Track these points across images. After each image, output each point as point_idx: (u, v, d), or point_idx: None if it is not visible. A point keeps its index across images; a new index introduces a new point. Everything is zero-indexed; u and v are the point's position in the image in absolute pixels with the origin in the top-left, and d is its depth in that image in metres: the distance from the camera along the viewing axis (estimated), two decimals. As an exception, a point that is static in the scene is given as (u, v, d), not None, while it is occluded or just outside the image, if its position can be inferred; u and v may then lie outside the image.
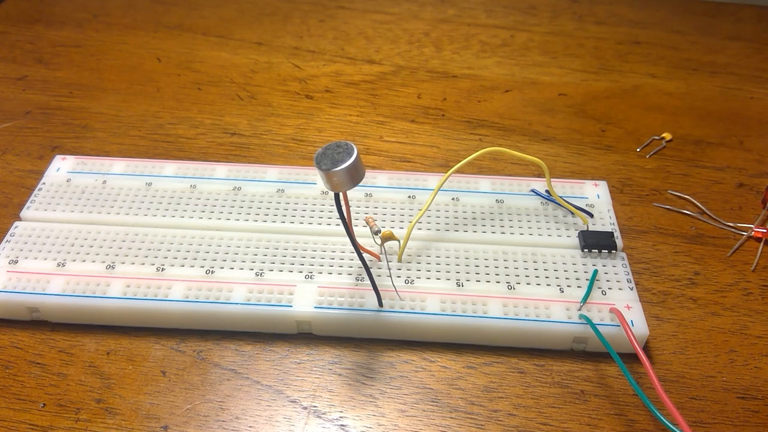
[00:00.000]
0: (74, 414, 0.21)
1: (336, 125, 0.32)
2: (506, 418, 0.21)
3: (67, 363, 0.22)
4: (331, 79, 0.35)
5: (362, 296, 0.23)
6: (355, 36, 0.39)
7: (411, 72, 0.36)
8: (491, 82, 0.36)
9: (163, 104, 0.33)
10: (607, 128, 0.33)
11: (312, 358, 0.22)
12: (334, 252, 0.24)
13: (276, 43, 0.38)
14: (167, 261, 0.24)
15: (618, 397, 0.22)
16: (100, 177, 0.27)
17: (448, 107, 0.34)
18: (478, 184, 0.27)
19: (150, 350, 0.23)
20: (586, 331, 0.22)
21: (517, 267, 0.24)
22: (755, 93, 0.35)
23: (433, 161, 0.30)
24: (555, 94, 0.35)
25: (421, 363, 0.22)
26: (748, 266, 0.26)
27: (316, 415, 0.21)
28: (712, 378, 0.22)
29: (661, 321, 0.24)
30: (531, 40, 0.39)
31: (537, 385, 0.22)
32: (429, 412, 0.21)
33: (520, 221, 0.26)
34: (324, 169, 0.19)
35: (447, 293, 0.23)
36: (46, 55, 0.36)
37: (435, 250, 0.25)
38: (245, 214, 0.26)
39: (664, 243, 0.27)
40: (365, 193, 0.27)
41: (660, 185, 0.29)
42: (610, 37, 0.39)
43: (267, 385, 0.22)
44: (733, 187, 0.29)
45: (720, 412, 0.21)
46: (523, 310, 0.23)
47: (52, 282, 0.23)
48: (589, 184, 0.28)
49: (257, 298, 0.23)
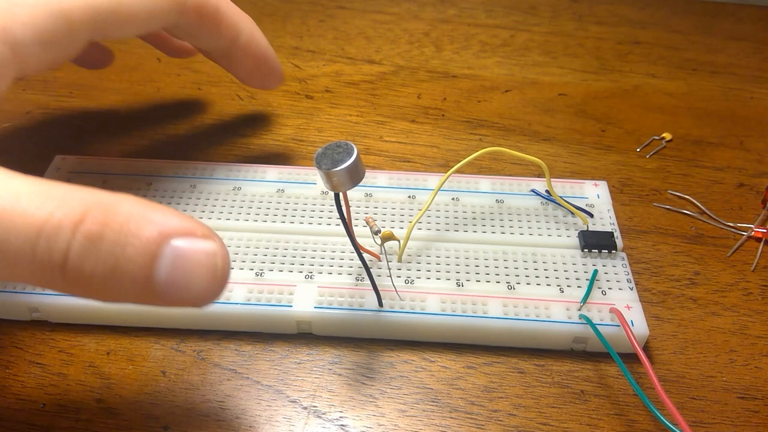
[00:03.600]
0: (74, 414, 0.21)
1: (336, 125, 0.32)
2: (506, 418, 0.21)
3: (67, 363, 0.22)
4: (331, 79, 0.36)
5: (362, 296, 0.23)
6: (355, 36, 0.39)
7: (411, 72, 0.36)
8: (491, 82, 0.36)
9: (163, 104, 0.33)
10: (607, 128, 0.33)
11: (312, 358, 0.22)
12: (334, 252, 0.24)
13: (276, 43, 0.38)
14: (167, 261, 0.24)
15: (618, 397, 0.22)
16: (100, 177, 0.27)
17: (448, 107, 0.34)
18: (478, 184, 0.27)
19: (150, 350, 0.23)
20: (586, 331, 0.22)
21: (517, 267, 0.24)
22: (755, 93, 0.35)
23: (433, 161, 0.30)
24: (555, 94, 0.35)
25: (421, 363, 0.22)
26: (748, 266, 0.26)
27: (316, 415, 0.21)
28: (712, 378, 0.22)
29: (661, 321, 0.24)
30: (531, 40, 0.39)
31: (537, 385, 0.22)
32: (429, 412, 0.21)
33: (520, 221, 0.26)
34: (324, 169, 0.19)
35: (447, 293, 0.23)
36: (46, 55, 0.36)
37: (435, 250, 0.25)
38: (245, 214, 0.26)
39: (664, 243, 0.27)
40: (365, 193, 0.27)
41: (660, 185, 0.29)
42: (610, 37, 0.39)
43: (267, 385, 0.22)
44: (733, 187, 0.29)
45: (720, 412, 0.21)
46: (523, 310, 0.23)
47: (52, 282, 0.23)
48: (589, 184, 0.28)
49: (257, 298, 0.23)
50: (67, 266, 0.15)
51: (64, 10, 0.20)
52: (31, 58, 0.19)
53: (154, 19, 0.23)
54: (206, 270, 0.16)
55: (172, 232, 0.16)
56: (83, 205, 0.15)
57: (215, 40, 0.25)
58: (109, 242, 0.15)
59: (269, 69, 0.28)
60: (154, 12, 0.23)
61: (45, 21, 0.19)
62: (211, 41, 0.26)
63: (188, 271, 0.16)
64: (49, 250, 0.15)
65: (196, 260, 0.16)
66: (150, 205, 0.16)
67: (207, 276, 0.16)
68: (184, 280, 0.16)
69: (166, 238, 0.15)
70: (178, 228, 0.16)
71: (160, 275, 0.15)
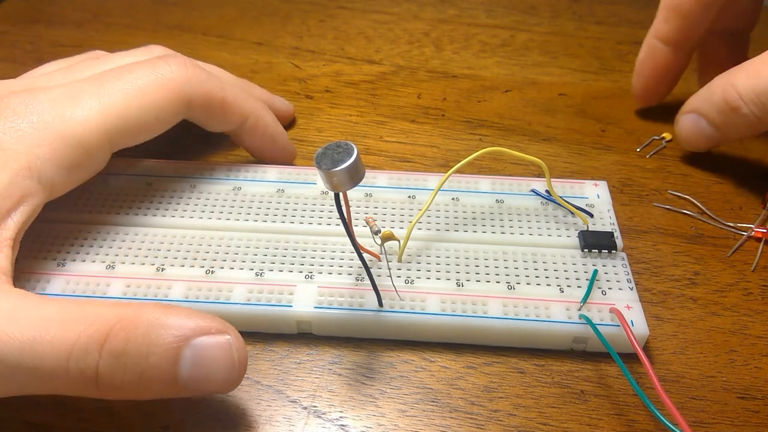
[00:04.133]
0: (74, 414, 0.21)
1: (336, 125, 0.32)
2: (506, 418, 0.21)
3: (67, 363, 0.22)
4: (331, 79, 0.36)
5: (362, 296, 0.23)
6: (355, 36, 0.39)
7: (411, 72, 0.36)
8: (491, 82, 0.36)
9: (163, 104, 0.33)
10: (607, 128, 0.33)
11: (312, 358, 0.23)
12: (334, 252, 0.24)
13: (276, 43, 0.38)
14: (167, 261, 0.24)
15: (618, 397, 0.22)
16: (100, 177, 0.27)
17: (448, 107, 0.34)
18: (478, 184, 0.27)
19: (150, 350, 0.23)
20: (586, 331, 0.22)
21: (517, 267, 0.24)
22: (755, 93, 0.35)
23: (433, 161, 0.30)
24: (555, 94, 0.35)
25: (421, 363, 0.22)
26: (748, 266, 0.26)
27: (316, 415, 0.21)
28: (712, 378, 0.22)
29: (661, 321, 0.24)
30: (531, 40, 0.39)
31: (537, 385, 0.22)
32: (429, 412, 0.21)
33: (520, 221, 0.26)
34: (324, 169, 0.19)
35: (447, 293, 0.23)
36: (46, 55, 0.36)
37: (435, 250, 0.25)
38: (245, 214, 0.26)
39: (664, 243, 0.27)
40: (365, 193, 0.27)
41: (660, 185, 0.29)
42: (610, 37, 0.39)
43: (267, 385, 0.22)
44: (733, 187, 0.29)
45: (720, 412, 0.21)
46: (523, 310, 0.23)
47: (52, 282, 0.23)
48: (589, 184, 0.28)
49: (257, 298, 0.23)
50: (98, 380, 0.17)
51: (79, 138, 0.22)
52: (57, 184, 0.22)
53: (164, 124, 0.25)
54: (224, 362, 0.18)
55: (189, 334, 0.18)
56: (106, 324, 0.18)
57: (222, 125, 0.27)
58: (133, 355, 0.17)
59: (278, 148, 0.29)
60: (163, 118, 0.24)
61: (64, 152, 0.21)
62: (219, 127, 0.27)
63: (208, 365, 0.18)
64: (80, 370, 0.17)
65: (213, 355, 0.18)
66: (168, 311, 0.18)
67: (226, 366, 0.18)
68: (205, 374, 0.18)
69: (184, 341, 0.18)
70: (194, 329, 0.18)
71: (183, 374, 0.18)
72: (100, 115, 0.22)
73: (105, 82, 0.23)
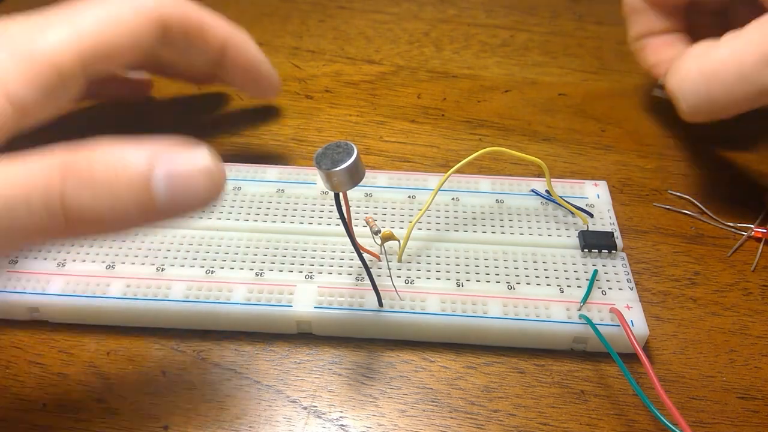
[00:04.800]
0: (74, 414, 0.21)
1: (336, 125, 0.32)
2: (506, 418, 0.21)
3: (67, 363, 0.22)
4: (331, 79, 0.36)
5: (362, 296, 0.23)
6: (355, 36, 0.39)
7: (411, 72, 0.36)
8: (491, 82, 0.36)
9: (162, 104, 0.33)
10: (607, 128, 0.33)
11: (312, 358, 0.23)
12: (334, 252, 0.24)
13: (276, 43, 0.38)
14: (167, 261, 0.24)
15: (618, 397, 0.22)
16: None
17: (448, 107, 0.34)
18: (478, 184, 0.27)
19: (150, 350, 0.23)
20: (586, 331, 0.22)
21: (517, 267, 0.24)
22: (755, 93, 0.35)
23: (433, 161, 0.30)
24: (555, 94, 0.35)
25: (421, 363, 0.22)
26: (748, 266, 0.26)
27: (316, 415, 0.21)
28: (712, 378, 0.22)
29: (661, 321, 0.24)
30: (531, 40, 0.39)
31: (537, 385, 0.22)
32: (429, 412, 0.21)
33: (520, 221, 0.26)
34: (324, 169, 0.19)
35: (447, 293, 0.23)
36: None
37: (435, 250, 0.25)
38: (245, 214, 0.26)
39: (664, 243, 0.27)
40: (365, 193, 0.27)
41: (660, 185, 0.29)
42: (610, 37, 0.39)
43: (267, 385, 0.22)
44: (733, 187, 0.29)
45: (720, 412, 0.21)
46: (523, 310, 0.23)
47: (52, 282, 0.23)
48: (589, 184, 0.28)
49: (257, 298, 0.23)
50: (66, 212, 0.16)
51: (50, 58, 0.21)
52: (29, 105, 0.21)
53: (140, 45, 0.23)
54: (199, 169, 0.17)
55: (156, 149, 0.17)
56: (63, 159, 0.16)
57: (204, 53, 0.26)
58: (101, 178, 0.16)
59: (264, 77, 0.28)
60: (138, 37, 0.23)
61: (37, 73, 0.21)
62: (200, 55, 0.26)
63: (185, 178, 0.17)
64: (44, 204, 0.16)
65: (189, 167, 0.17)
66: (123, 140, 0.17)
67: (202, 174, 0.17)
68: (183, 185, 0.17)
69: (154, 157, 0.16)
70: (159, 146, 0.17)
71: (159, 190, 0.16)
72: (72, 36, 0.22)
73: (77, 8, 0.23)
